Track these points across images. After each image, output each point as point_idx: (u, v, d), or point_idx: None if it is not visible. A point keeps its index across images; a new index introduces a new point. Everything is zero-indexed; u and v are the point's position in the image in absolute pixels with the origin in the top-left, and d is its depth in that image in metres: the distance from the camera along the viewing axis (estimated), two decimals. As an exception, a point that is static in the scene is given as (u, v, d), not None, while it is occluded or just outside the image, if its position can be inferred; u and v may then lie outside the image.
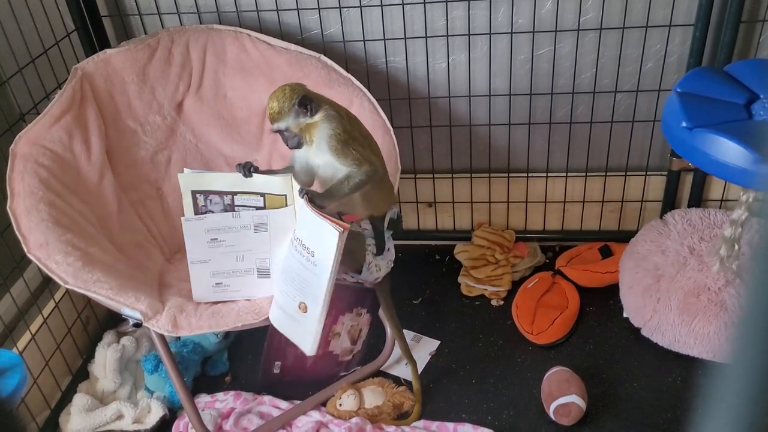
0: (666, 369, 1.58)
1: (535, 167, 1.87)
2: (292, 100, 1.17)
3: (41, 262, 1.29)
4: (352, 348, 1.28)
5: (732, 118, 1.32)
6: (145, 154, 1.66)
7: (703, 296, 1.54)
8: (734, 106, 1.36)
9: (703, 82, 1.42)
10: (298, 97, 1.17)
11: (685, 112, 1.33)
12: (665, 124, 1.39)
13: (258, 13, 1.72)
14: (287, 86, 1.19)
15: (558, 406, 1.44)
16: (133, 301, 1.27)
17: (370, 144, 1.26)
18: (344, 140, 1.18)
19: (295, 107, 1.17)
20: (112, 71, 1.60)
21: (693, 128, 1.30)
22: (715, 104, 1.36)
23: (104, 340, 1.70)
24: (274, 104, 1.18)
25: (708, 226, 1.69)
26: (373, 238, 1.30)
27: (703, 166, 1.31)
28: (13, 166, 1.39)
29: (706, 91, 1.39)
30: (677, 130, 1.33)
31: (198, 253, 1.29)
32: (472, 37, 1.69)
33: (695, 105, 1.35)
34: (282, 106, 1.17)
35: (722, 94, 1.38)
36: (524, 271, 1.85)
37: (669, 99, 1.41)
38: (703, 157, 1.28)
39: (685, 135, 1.31)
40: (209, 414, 1.50)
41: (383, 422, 1.49)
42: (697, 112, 1.33)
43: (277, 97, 1.18)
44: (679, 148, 1.35)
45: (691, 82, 1.42)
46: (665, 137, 1.41)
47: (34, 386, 1.53)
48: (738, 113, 1.34)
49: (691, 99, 1.37)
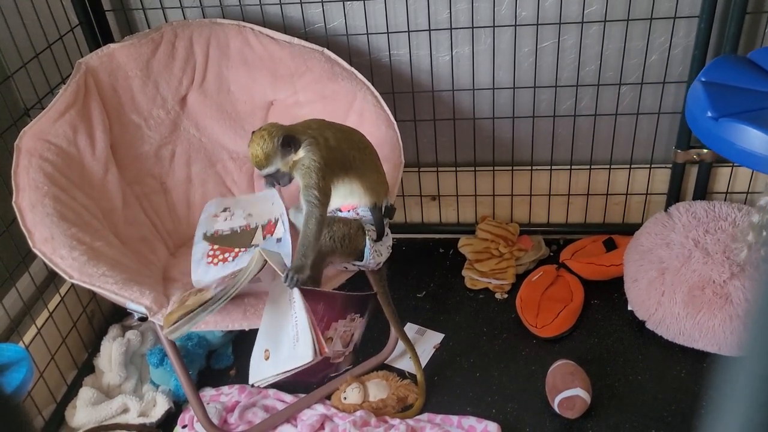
0: (670, 362, 1.58)
1: (539, 160, 1.86)
2: (274, 142, 1.16)
3: (46, 256, 1.29)
4: (343, 351, 1.29)
5: (758, 107, 1.30)
6: (149, 149, 1.66)
7: (708, 289, 1.54)
8: (760, 94, 1.34)
9: (728, 70, 1.39)
10: (279, 137, 1.16)
11: (710, 102, 1.31)
12: (689, 114, 1.37)
13: (261, 6, 1.72)
14: (263, 131, 1.18)
15: (562, 399, 1.44)
16: (138, 296, 1.27)
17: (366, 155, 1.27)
18: (320, 168, 1.18)
19: (279, 149, 1.17)
20: (116, 66, 1.60)
21: (719, 118, 1.29)
22: (741, 93, 1.34)
23: (109, 334, 1.70)
24: (258, 151, 1.17)
25: (713, 219, 1.69)
26: (372, 225, 1.32)
27: (731, 156, 1.29)
28: (18, 161, 1.39)
29: (730, 80, 1.37)
30: (702, 121, 1.31)
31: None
32: (476, 30, 1.68)
33: (720, 94, 1.33)
34: (267, 152, 1.16)
35: (747, 82, 1.36)
36: (528, 264, 1.85)
37: (693, 89, 1.38)
38: (729, 147, 1.27)
39: (711, 125, 1.29)
40: (214, 407, 1.51)
41: (388, 415, 1.50)
42: (722, 101, 1.31)
43: (258, 144, 1.17)
44: (705, 139, 1.33)
45: (715, 71, 1.40)
46: (690, 128, 1.39)
47: (40, 380, 1.54)
48: (764, 101, 1.32)
49: (715, 88, 1.35)
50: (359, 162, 1.25)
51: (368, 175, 1.27)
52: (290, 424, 1.50)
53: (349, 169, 1.24)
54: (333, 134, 1.22)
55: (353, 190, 1.26)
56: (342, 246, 1.27)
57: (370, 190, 1.29)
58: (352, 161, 1.24)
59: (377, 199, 1.31)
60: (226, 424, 1.51)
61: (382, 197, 1.32)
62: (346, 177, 1.24)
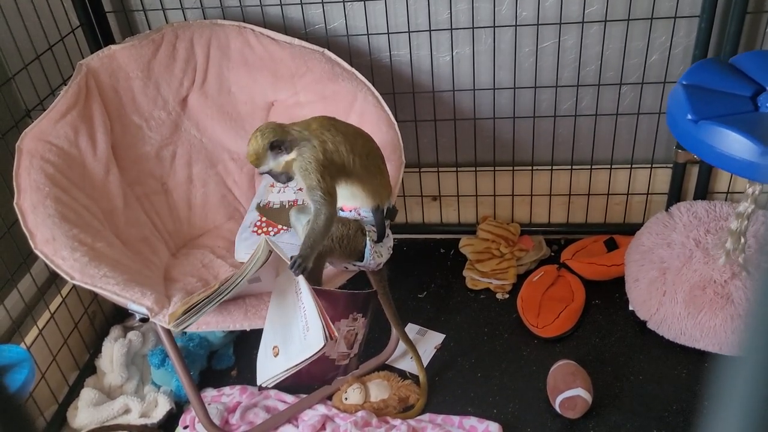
0: (672, 362, 1.58)
1: (540, 160, 1.86)
2: (263, 144, 1.17)
3: (48, 257, 1.29)
4: (348, 353, 1.28)
5: (738, 110, 1.31)
6: (150, 150, 1.67)
7: (709, 289, 1.54)
8: (740, 98, 1.35)
9: (709, 74, 1.41)
10: (269, 140, 1.17)
11: (690, 105, 1.32)
12: (670, 116, 1.38)
13: (262, 7, 1.72)
14: (258, 131, 1.19)
15: (564, 399, 1.44)
16: (140, 296, 1.27)
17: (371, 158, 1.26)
18: (317, 168, 1.18)
19: (268, 151, 1.18)
20: (117, 67, 1.60)
21: (698, 121, 1.30)
22: (721, 96, 1.36)
23: (111, 335, 1.71)
24: (250, 151, 1.18)
25: (714, 219, 1.69)
26: (374, 226, 1.32)
27: (709, 159, 1.30)
28: (20, 162, 1.39)
29: (711, 84, 1.39)
30: (682, 123, 1.33)
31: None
32: (476, 30, 1.68)
33: (700, 97, 1.35)
34: (258, 152, 1.18)
35: (728, 86, 1.37)
36: (529, 264, 1.85)
37: (674, 91, 1.40)
38: (708, 150, 1.28)
39: (691, 128, 1.31)
40: (216, 408, 1.51)
41: (389, 415, 1.50)
42: (703, 104, 1.32)
43: (251, 144, 1.18)
44: (684, 141, 1.35)
45: (696, 74, 1.42)
46: (670, 130, 1.40)
47: (41, 381, 1.54)
48: (744, 105, 1.33)
49: (696, 91, 1.37)
50: (359, 167, 1.23)
51: (370, 179, 1.26)
52: (291, 424, 1.50)
53: (350, 173, 1.23)
54: (332, 137, 1.20)
55: (354, 193, 1.26)
56: (341, 246, 1.27)
57: (372, 193, 1.28)
58: (352, 165, 1.22)
59: (379, 201, 1.31)
60: (227, 424, 1.51)
61: (384, 199, 1.32)
62: (348, 180, 1.23)
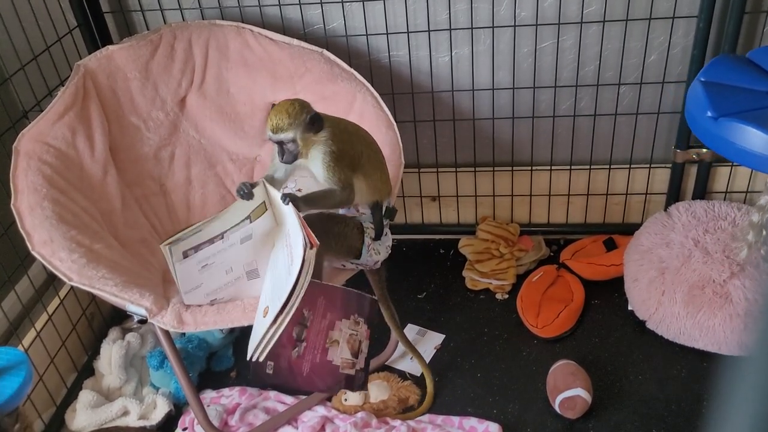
0: (671, 361, 1.57)
1: (539, 160, 1.86)
2: (302, 114, 1.18)
3: (45, 259, 1.29)
4: (353, 362, 1.26)
5: (757, 106, 1.30)
6: (149, 151, 1.66)
7: (708, 289, 1.54)
8: (759, 94, 1.34)
9: (727, 70, 1.39)
10: (309, 113, 1.19)
11: (709, 102, 1.31)
12: (689, 114, 1.37)
13: (260, 8, 1.72)
14: (296, 101, 1.21)
15: (563, 399, 1.44)
16: (138, 298, 1.27)
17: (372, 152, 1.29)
18: (338, 159, 1.22)
19: (305, 121, 1.18)
20: (115, 67, 1.60)
21: (718, 118, 1.29)
22: (740, 92, 1.34)
23: (109, 337, 1.70)
24: (283, 115, 1.18)
25: (713, 219, 1.69)
26: (372, 223, 1.32)
27: (730, 156, 1.29)
28: (17, 163, 1.39)
29: (729, 80, 1.37)
30: (702, 121, 1.31)
31: (189, 283, 1.26)
32: (475, 30, 1.68)
33: (719, 94, 1.33)
34: (294, 118, 1.18)
35: (747, 81, 1.36)
36: (529, 264, 1.85)
37: (692, 89, 1.38)
38: (729, 147, 1.27)
39: (711, 125, 1.29)
40: (215, 409, 1.51)
41: (389, 416, 1.50)
42: (722, 101, 1.31)
43: (287, 110, 1.18)
44: (704, 139, 1.33)
45: (714, 70, 1.40)
46: (690, 128, 1.39)
47: (39, 383, 1.53)
48: (764, 101, 1.32)
49: (715, 88, 1.35)
50: (366, 158, 1.27)
51: (372, 173, 1.29)
52: (291, 425, 1.50)
53: (357, 165, 1.26)
54: (346, 127, 1.26)
55: (358, 187, 1.27)
56: (336, 243, 1.28)
57: (373, 188, 1.30)
58: (361, 157, 1.26)
59: (379, 197, 1.32)
60: (226, 426, 1.50)
61: (384, 196, 1.33)
62: (353, 173, 1.25)
